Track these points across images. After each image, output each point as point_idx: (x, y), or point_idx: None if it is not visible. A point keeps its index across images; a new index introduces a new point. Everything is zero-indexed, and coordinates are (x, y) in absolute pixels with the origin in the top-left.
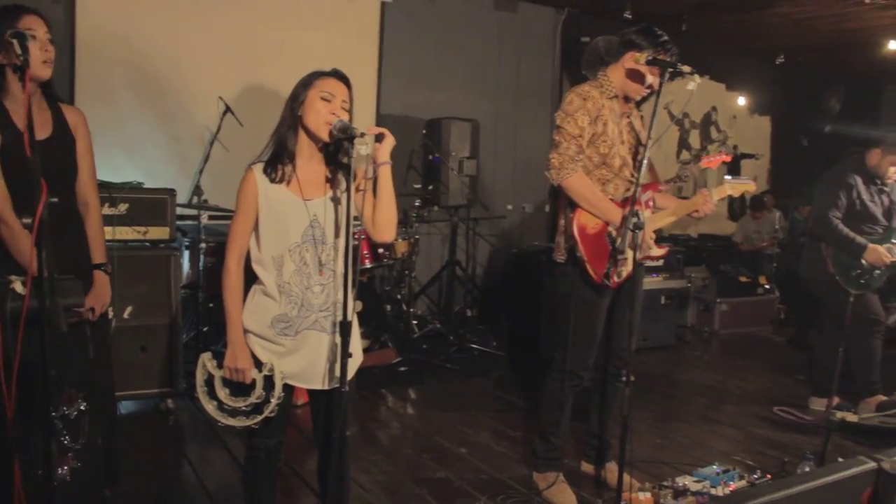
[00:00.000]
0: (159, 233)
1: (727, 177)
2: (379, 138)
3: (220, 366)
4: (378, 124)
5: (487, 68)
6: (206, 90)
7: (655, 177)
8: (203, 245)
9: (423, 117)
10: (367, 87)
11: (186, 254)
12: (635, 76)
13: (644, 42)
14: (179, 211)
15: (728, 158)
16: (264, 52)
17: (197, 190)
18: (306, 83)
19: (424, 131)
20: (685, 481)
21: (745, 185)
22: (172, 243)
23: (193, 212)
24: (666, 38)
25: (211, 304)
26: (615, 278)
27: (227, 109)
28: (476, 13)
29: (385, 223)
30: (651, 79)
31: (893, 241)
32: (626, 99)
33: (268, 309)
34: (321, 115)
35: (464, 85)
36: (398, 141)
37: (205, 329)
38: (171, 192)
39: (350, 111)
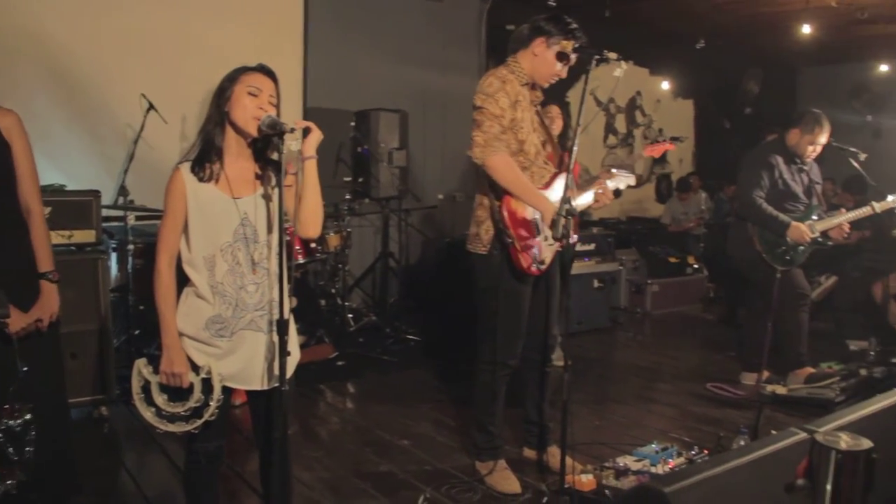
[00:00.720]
0: (85, 236)
1: (614, 169)
2: (306, 132)
3: (155, 371)
4: (305, 118)
5: (414, 58)
6: (127, 87)
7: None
8: (131, 247)
9: (352, 109)
10: (293, 80)
11: (114, 256)
12: (542, 63)
13: (553, 29)
14: (105, 212)
15: (672, 147)
16: (186, 47)
17: (122, 190)
18: (232, 78)
19: (353, 123)
20: (626, 461)
21: (627, 180)
22: (99, 246)
23: (120, 213)
24: (575, 25)
25: (141, 307)
26: (542, 265)
27: (151, 107)
28: (401, 3)
29: (310, 218)
30: (560, 66)
31: (814, 217)
32: (533, 87)
33: (201, 310)
34: (248, 111)
35: (391, 76)
36: (326, 134)
37: (136, 333)
38: (96, 194)
39: (277, 106)
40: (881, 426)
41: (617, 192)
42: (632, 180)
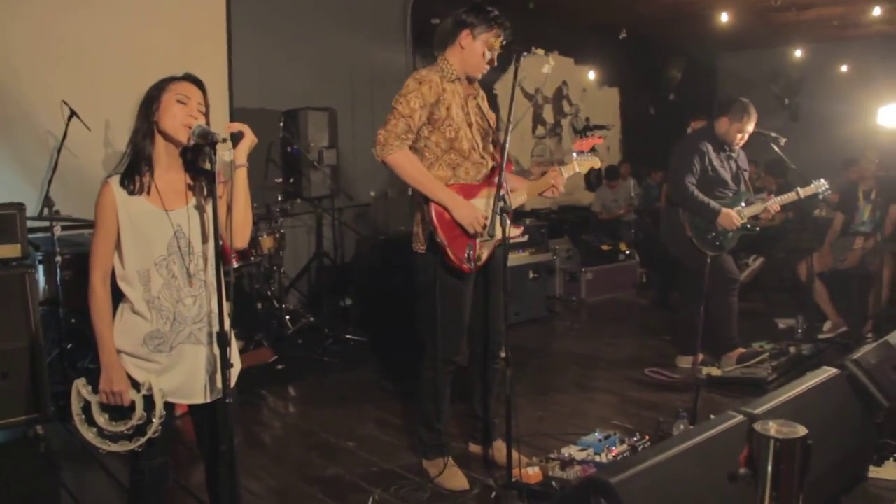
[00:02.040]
0: (10, 251)
1: (574, 154)
2: (238, 137)
3: (95, 391)
4: (232, 118)
5: (341, 55)
6: (46, 94)
7: (507, 157)
8: (59, 258)
9: (280, 109)
10: (218, 81)
11: (41, 268)
12: (470, 55)
13: (476, 20)
14: (30, 224)
15: (600, 141)
16: (107, 51)
17: (47, 201)
18: (159, 87)
19: (282, 123)
20: (570, 451)
21: (590, 162)
22: (25, 260)
23: (45, 223)
24: (496, 13)
25: (73, 320)
26: (476, 262)
27: (73, 114)
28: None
29: (239, 229)
30: (490, 55)
31: (742, 204)
32: (469, 80)
33: (138, 326)
34: (178, 118)
35: (318, 73)
36: (255, 135)
37: (69, 346)
38: (20, 207)
39: (207, 114)
40: (810, 404)
41: None
42: (596, 162)
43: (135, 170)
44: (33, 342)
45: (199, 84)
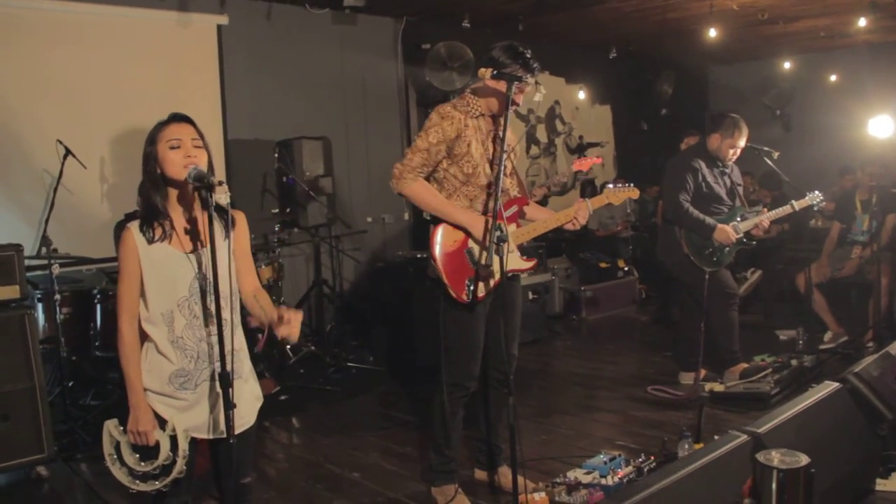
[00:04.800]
0: (9, 293)
1: (609, 185)
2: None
3: (125, 431)
4: (227, 150)
5: (333, 83)
6: (41, 132)
7: (523, 190)
8: (58, 296)
9: (274, 138)
10: (211, 114)
11: (40, 306)
12: (495, 93)
13: (505, 59)
14: (28, 262)
15: (599, 161)
16: (99, 87)
17: (45, 240)
18: (152, 139)
19: (276, 154)
20: (576, 474)
21: (627, 193)
22: (25, 301)
23: (43, 262)
24: (528, 55)
25: (74, 358)
26: (479, 293)
27: (68, 152)
28: (315, 28)
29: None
30: (511, 93)
31: (738, 219)
32: (494, 117)
33: (163, 366)
34: (178, 164)
35: (311, 102)
36: (250, 166)
37: (70, 384)
38: (18, 248)
39: (204, 145)
40: (813, 420)
41: None
42: (634, 193)
43: (152, 217)
44: (35, 384)
45: (185, 119)
